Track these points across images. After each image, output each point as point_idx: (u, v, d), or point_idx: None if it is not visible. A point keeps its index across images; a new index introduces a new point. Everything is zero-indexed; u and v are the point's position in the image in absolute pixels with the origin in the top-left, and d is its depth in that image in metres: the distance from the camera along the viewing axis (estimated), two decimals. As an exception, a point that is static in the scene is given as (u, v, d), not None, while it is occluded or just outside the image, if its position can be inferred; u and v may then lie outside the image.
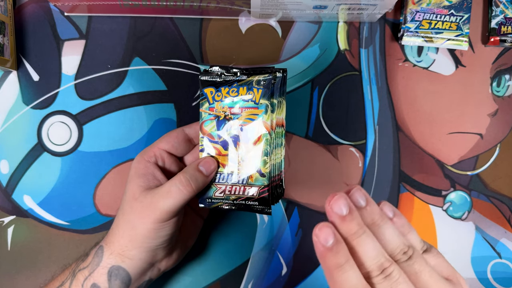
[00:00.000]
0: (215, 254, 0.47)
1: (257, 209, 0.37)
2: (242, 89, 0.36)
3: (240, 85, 0.36)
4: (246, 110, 0.37)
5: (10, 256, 0.47)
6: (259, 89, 0.36)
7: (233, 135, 0.37)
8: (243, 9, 0.45)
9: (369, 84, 0.48)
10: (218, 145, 0.38)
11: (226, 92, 0.37)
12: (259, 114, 0.36)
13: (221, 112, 0.37)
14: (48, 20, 0.47)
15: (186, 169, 0.37)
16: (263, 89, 0.36)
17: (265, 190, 0.37)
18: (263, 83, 0.36)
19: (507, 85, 0.49)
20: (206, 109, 0.38)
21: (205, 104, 0.38)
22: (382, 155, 0.48)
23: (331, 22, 0.48)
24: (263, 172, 0.37)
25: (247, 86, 0.36)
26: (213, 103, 0.37)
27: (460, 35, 0.47)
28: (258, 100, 0.36)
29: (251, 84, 0.36)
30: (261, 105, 0.36)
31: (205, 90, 0.37)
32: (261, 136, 0.36)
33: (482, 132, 0.49)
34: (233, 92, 0.37)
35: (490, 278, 0.48)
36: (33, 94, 0.47)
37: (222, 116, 0.37)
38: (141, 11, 0.46)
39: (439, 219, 0.48)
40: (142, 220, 0.37)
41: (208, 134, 0.38)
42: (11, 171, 0.47)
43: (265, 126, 0.36)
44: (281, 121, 0.39)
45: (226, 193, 0.38)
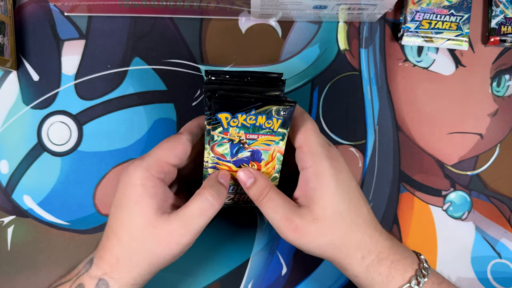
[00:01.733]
0: (215, 254, 0.47)
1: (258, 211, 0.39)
2: (261, 117, 0.34)
3: (259, 113, 0.34)
4: (263, 137, 0.35)
5: (10, 256, 0.47)
6: (278, 119, 0.34)
7: (246, 156, 0.37)
8: (243, 9, 0.45)
9: (369, 84, 0.48)
10: (230, 164, 0.37)
11: (243, 119, 0.34)
12: (276, 141, 0.36)
13: (235, 137, 0.35)
14: (48, 20, 0.47)
15: (209, 183, 0.36)
16: (283, 120, 0.34)
17: None
18: (283, 114, 0.34)
19: (507, 85, 0.49)
20: (219, 132, 0.35)
21: (219, 128, 0.35)
22: (382, 155, 0.48)
23: (331, 22, 0.48)
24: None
25: (266, 115, 0.34)
26: (227, 128, 0.35)
27: (460, 35, 0.47)
28: (277, 129, 0.35)
29: (271, 113, 0.34)
30: (278, 133, 0.35)
31: (220, 115, 0.34)
32: (274, 158, 0.37)
33: (482, 132, 0.49)
34: (251, 120, 0.34)
35: (490, 278, 0.48)
36: (33, 94, 0.47)
37: (236, 140, 0.36)
38: (141, 11, 0.46)
39: (439, 219, 0.48)
40: (169, 247, 0.35)
41: (220, 155, 0.37)
42: (11, 171, 0.47)
43: (279, 150, 0.36)
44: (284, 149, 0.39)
45: (235, 200, 0.40)
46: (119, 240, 0.35)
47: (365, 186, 0.48)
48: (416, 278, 0.35)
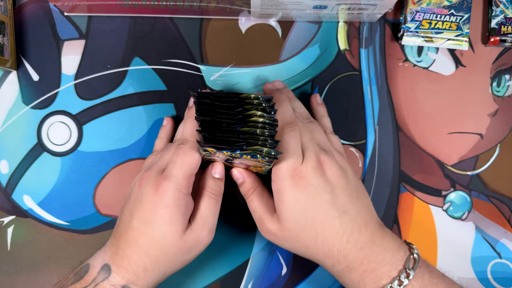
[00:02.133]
0: (215, 254, 0.47)
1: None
2: (246, 156, 0.34)
3: (243, 153, 0.34)
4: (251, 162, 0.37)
5: (9, 256, 0.47)
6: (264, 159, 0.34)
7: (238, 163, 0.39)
8: (243, 9, 0.45)
9: (369, 84, 0.48)
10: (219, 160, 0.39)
11: (228, 154, 0.35)
12: (264, 167, 0.38)
13: (224, 157, 0.37)
14: (48, 20, 0.47)
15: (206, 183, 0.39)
16: (269, 164, 0.36)
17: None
18: (267, 159, 0.34)
19: (507, 85, 0.49)
20: (207, 155, 0.37)
21: (206, 152, 0.36)
22: (382, 155, 0.48)
23: (331, 22, 0.48)
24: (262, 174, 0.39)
25: (251, 155, 0.34)
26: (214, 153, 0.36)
27: (460, 35, 0.47)
28: (263, 163, 0.36)
29: (255, 156, 0.34)
30: (264, 164, 0.36)
31: (206, 148, 0.35)
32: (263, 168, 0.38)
33: (482, 132, 0.49)
34: (236, 155, 0.35)
35: (490, 278, 0.48)
36: (33, 94, 0.47)
37: (225, 158, 0.38)
38: (141, 11, 0.46)
39: (439, 219, 0.48)
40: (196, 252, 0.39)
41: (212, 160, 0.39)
42: (11, 171, 0.47)
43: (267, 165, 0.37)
44: None
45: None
46: (148, 254, 0.36)
47: (365, 186, 0.48)
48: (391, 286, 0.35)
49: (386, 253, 0.36)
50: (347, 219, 0.36)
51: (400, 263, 0.36)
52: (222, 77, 0.48)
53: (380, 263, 0.36)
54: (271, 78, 0.48)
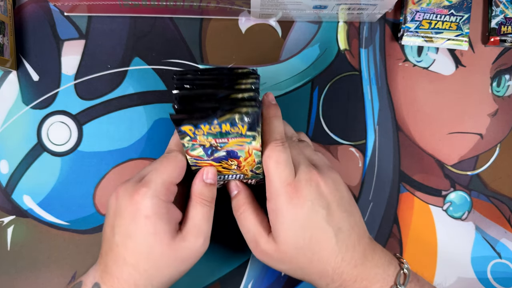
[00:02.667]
0: (215, 254, 0.47)
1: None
2: (225, 125, 0.31)
3: (222, 122, 0.31)
4: (233, 140, 0.33)
5: (9, 256, 0.47)
6: (244, 125, 0.31)
7: (223, 155, 0.36)
8: (243, 9, 0.45)
9: (369, 84, 0.48)
10: (209, 161, 0.36)
11: (207, 129, 0.32)
12: (248, 141, 0.34)
13: (206, 142, 0.34)
14: (48, 20, 0.47)
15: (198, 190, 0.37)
16: (249, 125, 0.32)
17: (262, 180, 0.38)
18: (247, 120, 0.31)
19: (507, 85, 0.49)
20: (188, 141, 0.33)
21: (186, 137, 0.33)
22: (382, 155, 0.48)
23: (331, 22, 0.48)
24: (257, 172, 0.38)
25: (230, 123, 0.31)
26: (195, 137, 0.33)
27: (460, 35, 0.47)
28: (245, 133, 0.32)
29: (234, 120, 0.31)
30: (248, 135, 0.33)
31: (183, 128, 0.32)
32: (252, 154, 0.35)
33: (482, 132, 0.49)
34: (215, 128, 0.32)
35: (490, 278, 0.48)
36: (33, 94, 0.47)
37: (207, 145, 0.34)
38: (141, 11, 0.46)
39: (439, 219, 0.48)
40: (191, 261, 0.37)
41: (196, 157, 0.36)
42: (10, 171, 0.47)
43: (254, 148, 0.35)
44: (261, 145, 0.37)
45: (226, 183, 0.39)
46: (137, 269, 0.35)
47: (365, 186, 0.48)
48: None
49: (378, 269, 0.36)
50: (342, 237, 0.35)
51: (391, 279, 0.35)
52: (222, 77, 0.48)
53: (372, 280, 0.35)
54: (271, 78, 0.48)
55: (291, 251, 0.35)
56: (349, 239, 0.36)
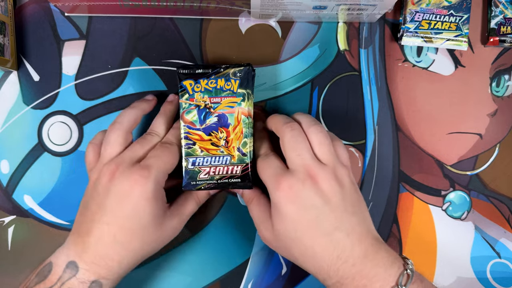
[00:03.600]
0: (215, 254, 0.47)
1: (239, 186, 0.41)
2: (220, 80, 0.40)
3: (218, 77, 0.40)
4: (225, 99, 0.40)
5: (10, 256, 0.47)
6: (236, 80, 0.40)
7: (214, 122, 0.41)
8: (243, 10, 0.45)
9: (369, 84, 0.48)
10: (200, 132, 0.41)
11: (205, 83, 0.40)
12: (238, 102, 0.40)
13: (201, 102, 0.40)
14: (48, 21, 0.48)
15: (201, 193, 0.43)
16: (240, 80, 0.40)
17: (247, 167, 0.41)
18: (239, 75, 0.40)
19: (506, 85, 0.49)
20: (186, 99, 0.41)
21: (185, 95, 0.41)
22: (382, 155, 0.48)
23: (330, 22, 0.48)
24: (244, 152, 0.41)
25: (224, 78, 0.40)
26: (192, 94, 0.41)
27: (460, 35, 0.47)
28: (236, 90, 0.40)
29: (228, 76, 0.40)
30: (239, 94, 0.40)
31: (184, 82, 0.41)
32: (240, 121, 0.40)
33: (481, 132, 0.49)
34: (212, 83, 0.40)
35: (489, 278, 0.48)
36: (33, 94, 0.47)
37: (202, 105, 0.40)
38: (141, 12, 0.46)
39: (439, 219, 0.48)
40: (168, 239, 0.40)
41: (189, 123, 0.41)
42: (11, 171, 0.47)
43: (243, 112, 0.40)
44: (250, 112, 0.42)
45: (210, 174, 0.41)
46: (127, 247, 0.37)
47: (365, 186, 0.48)
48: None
49: (379, 268, 0.35)
50: (339, 236, 0.36)
51: (392, 279, 0.35)
52: (222, 77, 0.48)
53: (372, 279, 0.35)
54: (271, 78, 0.48)
55: (286, 241, 0.37)
56: (347, 238, 0.36)
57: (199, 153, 0.41)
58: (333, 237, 0.36)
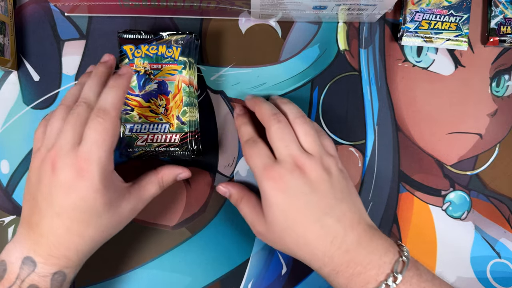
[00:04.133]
0: (215, 254, 0.47)
1: (178, 155, 0.41)
2: (161, 47, 0.40)
3: (159, 43, 0.40)
4: (166, 66, 0.40)
5: (10, 256, 0.47)
6: (178, 47, 0.40)
7: (154, 89, 0.40)
8: (243, 10, 0.45)
9: (369, 84, 0.48)
10: (139, 98, 0.41)
11: (145, 49, 0.40)
12: (179, 70, 0.40)
13: (141, 68, 0.40)
14: (48, 21, 0.48)
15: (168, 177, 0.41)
16: (182, 48, 0.40)
17: (186, 136, 0.41)
18: (181, 42, 0.40)
19: (506, 85, 0.49)
20: (125, 64, 0.40)
21: (125, 60, 0.40)
22: (382, 155, 0.48)
23: (330, 22, 0.48)
24: (183, 120, 0.41)
25: (166, 45, 0.40)
26: (132, 59, 0.40)
27: (460, 35, 0.47)
28: (178, 57, 0.40)
29: (170, 43, 0.40)
30: (180, 62, 0.40)
31: (124, 47, 0.40)
32: (180, 89, 0.40)
33: (481, 132, 0.49)
34: (153, 50, 0.40)
35: (489, 277, 0.48)
36: (33, 94, 0.47)
37: (142, 71, 0.40)
38: (141, 12, 0.46)
39: (439, 219, 0.48)
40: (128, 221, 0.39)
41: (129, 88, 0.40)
42: (11, 171, 0.47)
43: (184, 80, 0.40)
44: (192, 81, 0.42)
45: (148, 141, 0.41)
46: (83, 236, 0.36)
47: (365, 186, 0.48)
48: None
49: (373, 256, 0.35)
50: (329, 221, 0.36)
51: (388, 266, 0.35)
52: (222, 78, 0.48)
53: (367, 266, 0.35)
54: (271, 78, 0.48)
55: (278, 232, 0.37)
56: (338, 224, 0.36)
57: (137, 119, 0.40)
58: (323, 222, 0.36)
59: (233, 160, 0.47)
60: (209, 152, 0.47)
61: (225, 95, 0.48)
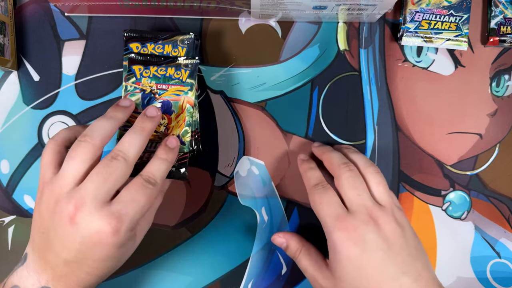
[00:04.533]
0: (215, 254, 0.47)
1: (173, 175, 0.39)
2: (170, 69, 0.40)
3: (169, 65, 0.40)
4: (173, 87, 0.41)
5: (10, 255, 0.47)
6: (186, 70, 0.40)
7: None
8: (243, 10, 0.45)
9: (369, 84, 0.48)
10: None
11: (154, 70, 0.40)
12: (185, 91, 0.41)
13: (147, 87, 0.41)
14: (48, 20, 0.48)
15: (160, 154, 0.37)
16: (190, 71, 0.40)
17: (184, 157, 0.40)
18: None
19: (506, 85, 0.49)
20: (132, 82, 0.41)
21: (132, 78, 0.41)
22: (382, 155, 0.48)
23: (330, 22, 0.48)
24: (183, 140, 0.40)
25: (175, 67, 0.40)
26: (140, 78, 0.41)
27: (460, 35, 0.47)
28: (185, 79, 0.40)
29: (180, 66, 0.41)
30: (187, 84, 0.41)
31: (134, 67, 0.41)
32: (184, 109, 0.40)
33: (481, 132, 0.49)
34: (162, 71, 0.40)
35: (489, 278, 0.48)
36: (33, 94, 0.47)
37: (148, 90, 0.40)
38: (141, 12, 0.46)
39: (439, 219, 0.48)
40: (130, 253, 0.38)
41: None
42: (11, 171, 0.47)
43: (188, 101, 0.41)
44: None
45: (144, 159, 0.39)
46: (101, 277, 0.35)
47: (365, 186, 0.48)
48: None
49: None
50: (407, 281, 0.34)
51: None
52: (222, 78, 0.48)
53: None
54: (271, 78, 0.48)
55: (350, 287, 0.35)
56: (414, 284, 0.34)
57: None
58: (401, 281, 0.34)
59: (233, 160, 0.47)
60: (209, 152, 0.47)
61: (225, 95, 0.48)
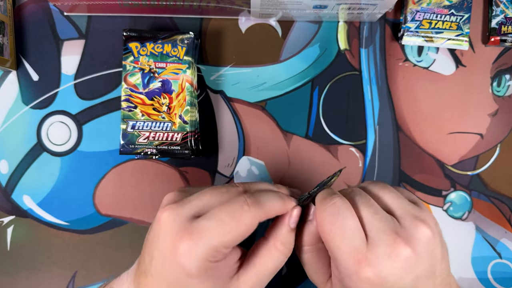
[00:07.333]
0: (215, 254, 0.47)
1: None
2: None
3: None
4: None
5: (9, 256, 0.46)
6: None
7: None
8: (243, 9, 0.45)
9: (369, 84, 0.48)
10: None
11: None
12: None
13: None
14: (47, 20, 0.47)
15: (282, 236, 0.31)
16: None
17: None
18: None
19: (507, 85, 0.49)
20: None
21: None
22: (382, 155, 0.48)
23: (331, 21, 0.48)
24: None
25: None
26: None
27: (461, 35, 0.47)
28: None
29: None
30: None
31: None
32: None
33: (482, 132, 0.49)
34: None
35: (490, 278, 0.48)
36: (32, 94, 0.47)
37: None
38: (140, 11, 0.46)
39: (440, 219, 0.48)
40: None
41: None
42: (10, 171, 0.47)
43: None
44: (192, 81, 0.43)
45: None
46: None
47: (365, 186, 0.48)
48: None
49: None
50: None
51: None
52: (222, 77, 0.48)
53: None
54: (271, 78, 0.48)
55: None
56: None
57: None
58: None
59: (233, 160, 0.47)
60: (209, 152, 0.47)
61: (225, 95, 0.47)
